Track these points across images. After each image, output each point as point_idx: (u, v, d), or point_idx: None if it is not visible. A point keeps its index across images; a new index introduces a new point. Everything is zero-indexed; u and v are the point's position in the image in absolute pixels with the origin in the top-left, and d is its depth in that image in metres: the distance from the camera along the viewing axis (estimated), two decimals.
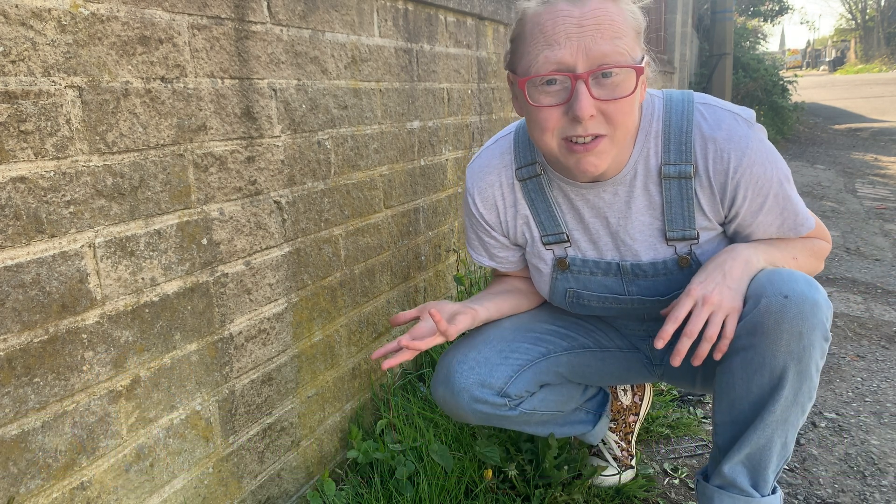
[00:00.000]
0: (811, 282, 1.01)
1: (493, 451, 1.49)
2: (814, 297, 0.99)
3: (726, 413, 1.10)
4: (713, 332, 1.01)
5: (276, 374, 1.37)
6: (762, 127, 1.11)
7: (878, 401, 1.95)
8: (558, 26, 0.97)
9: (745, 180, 1.08)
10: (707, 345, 1.01)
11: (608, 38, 0.95)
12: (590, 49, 0.95)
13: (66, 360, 0.93)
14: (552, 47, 0.97)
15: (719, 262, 1.07)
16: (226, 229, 1.21)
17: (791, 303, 0.98)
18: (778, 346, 0.99)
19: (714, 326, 1.01)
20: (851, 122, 11.67)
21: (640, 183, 1.13)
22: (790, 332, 0.98)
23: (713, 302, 1.01)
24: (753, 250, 1.10)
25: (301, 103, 1.38)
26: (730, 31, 9.01)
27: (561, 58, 0.96)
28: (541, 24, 0.99)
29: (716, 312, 1.01)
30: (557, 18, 0.97)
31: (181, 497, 1.15)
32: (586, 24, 0.96)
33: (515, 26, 1.06)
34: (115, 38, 0.97)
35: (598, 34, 0.95)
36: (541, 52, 0.98)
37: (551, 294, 1.29)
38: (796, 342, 0.98)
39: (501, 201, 1.24)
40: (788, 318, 0.98)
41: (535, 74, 0.99)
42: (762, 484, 1.10)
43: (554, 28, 0.97)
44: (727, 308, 1.02)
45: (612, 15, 0.97)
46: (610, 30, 0.96)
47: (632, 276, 1.20)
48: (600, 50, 0.95)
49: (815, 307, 0.98)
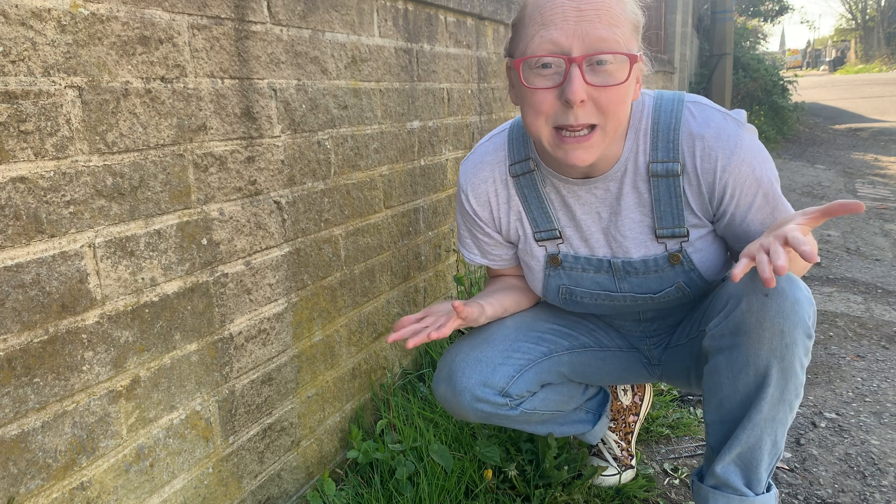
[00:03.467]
0: (793, 279, 1.01)
1: (493, 451, 1.49)
2: (795, 294, 0.99)
3: (715, 413, 1.10)
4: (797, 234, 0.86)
5: (276, 375, 1.37)
6: (752, 127, 1.11)
7: (879, 401, 1.95)
8: (556, 8, 0.98)
9: (734, 179, 1.08)
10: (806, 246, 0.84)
11: (605, 24, 0.96)
12: (586, 34, 0.96)
13: (66, 360, 0.93)
14: (548, 27, 0.98)
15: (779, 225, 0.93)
16: (226, 229, 1.21)
17: (772, 301, 0.98)
18: (760, 344, 0.99)
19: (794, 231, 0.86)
20: (851, 122, 11.66)
21: (630, 180, 1.13)
22: (772, 330, 0.98)
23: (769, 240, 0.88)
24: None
25: (301, 103, 1.38)
26: (730, 31, 9.01)
27: (556, 38, 0.97)
28: (540, 7, 1.00)
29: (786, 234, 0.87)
30: (557, 2, 0.98)
31: (181, 497, 1.15)
32: (585, 9, 0.97)
33: (518, 11, 1.06)
34: (115, 38, 0.97)
35: (596, 20, 0.96)
36: (537, 31, 0.99)
37: (544, 291, 1.29)
38: (779, 340, 0.98)
39: (495, 197, 1.24)
40: (770, 317, 0.98)
41: (531, 55, 0.99)
42: (755, 482, 1.10)
43: (552, 10, 0.98)
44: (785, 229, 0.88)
45: (611, 4, 0.98)
46: (608, 17, 0.97)
47: (623, 273, 1.20)
48: (597, 35, 0.96)
49: (795, 304, 0.98)
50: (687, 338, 1.30)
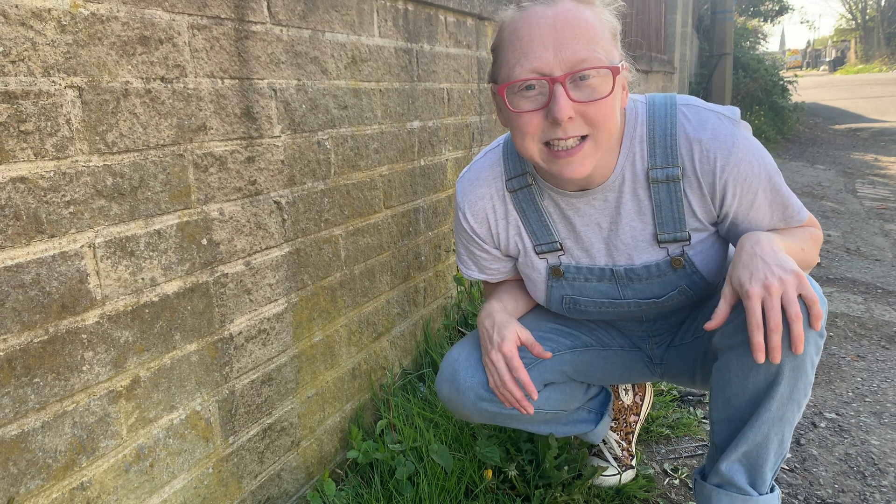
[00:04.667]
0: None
1: (493, 451, 1.49)
2: None
3: (722, 410, 1.10)
4: (796, 309, 0.95)
5: (276, 375, 1.37)
6: (747, 124, 1.11)
7: (879, 401, 1.95)
8: (533, 31, 0.98)
9: (734, 178, 1.08)
10: (798, 323, 0.95)
11: (583, 42, 0.96)
12: (565, 54, 0.96)
13: (66, 361, 0.93)
14: (528, 55, 0.98)
15: (747, 252, 1.02)
16: (226, 229, 1.21)
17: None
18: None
19: (794, 304, 0.95)
20: (851, 122, 11.66)
21: (629, 188, 1.13)
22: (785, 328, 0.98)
23: (775, 286, 0.95)
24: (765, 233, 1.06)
25: (301, 103, 1.38)
26: (730, 32, 9.01)
27: (538, 66, 0.97)
28: (517, 31, 1.00)
29: (786, 292, 0.95)
30: (532, 23, 0.98)
31: (181, 497, 1.15)
32: (560, 26, 0.96)
33: (496, 36, 1.07)
34: (115, 39, 0.97)
35: (573, 39, 0.96)
36: (518, 59, 0.99)
37: (548, 302, 1.29)
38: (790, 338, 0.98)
39: (493, 213, 1.24)
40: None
41: (513, 80, 1.00)
42: (760, 482, 1.10)
43: (530, 34, 0.98)
44: (791, 281, 0.96)
45: (586, 17, 0.97)
46: (585, 34, 0.96)
47: (626, 281, 1.20)
48: (576, 56, 0.96)
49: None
50: (693, 336, 1.30)
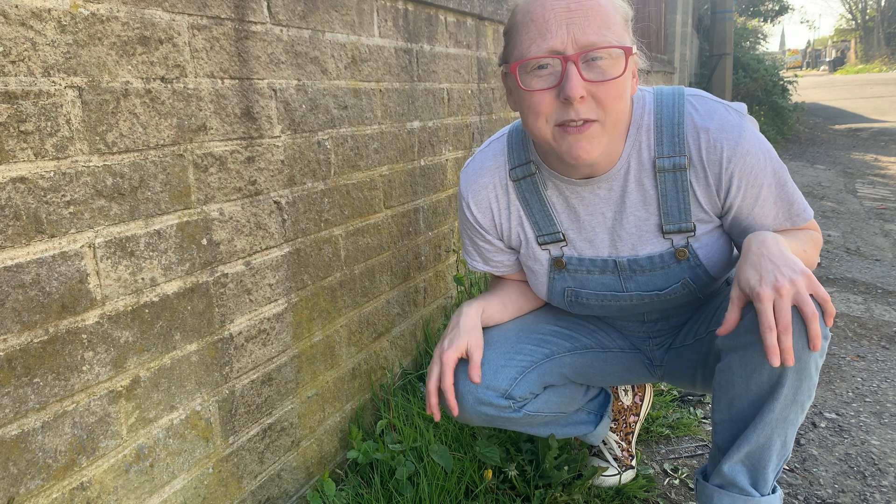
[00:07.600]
0: None
1: (493, 451, 1.49)
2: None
3: (725, 411, 1.10)
4: (811, 309, 0.94)
5: (276, 375, 1.37)
6: (753, 119, 1.12)
7: (879, 401, 1.95)
8: (548, 12, 0.99)
9: (740, 169, 1.08)
10: (815, 322, 0.94)
11: (596, 24, 0.97)
12: (578, 34, 0.97)
13: (66, 361, 0.93)
14: (542, 34, 0.99)
15: (754, 253, 1.01)
16: (226, 229, 1.21)
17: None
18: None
19: (809, 303, 0.95)
20: (851, 122, 11.66)
21: (634, 177, 1.13)
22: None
23: (786, 288, 0.95)
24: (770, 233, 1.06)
25: (301, 103, 1.38)
26: (730, 31, 9.01)
27: (552, 45, 0.98)
28: (531, 13, 1.01)
29: (798, 292, 0.95)
30: (546, 4, 0.99)
31: (181, 497, 1.15)
32: (574, 7, 0.98)
33: (508, 20, 1.08)
34: (115, 39, 0.97)
35: (586, 20, 0.97)
36: (532, 39, 1.00)
37: (549, 294, 1.29)
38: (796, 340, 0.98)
39: (496, 203, 1.24)
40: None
41: (527, 58, 1.00)
42: (762, 483, 1.09)
43: (544, 15, 0.99)
44: (801, 282, 0.95)
45: (599, 1, 0.99)
46: (598, 16, 0.98)
47: (629, 272, 1.20)
48: (589, 36, 0.97)
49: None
50: (694, 338, 1.30)
